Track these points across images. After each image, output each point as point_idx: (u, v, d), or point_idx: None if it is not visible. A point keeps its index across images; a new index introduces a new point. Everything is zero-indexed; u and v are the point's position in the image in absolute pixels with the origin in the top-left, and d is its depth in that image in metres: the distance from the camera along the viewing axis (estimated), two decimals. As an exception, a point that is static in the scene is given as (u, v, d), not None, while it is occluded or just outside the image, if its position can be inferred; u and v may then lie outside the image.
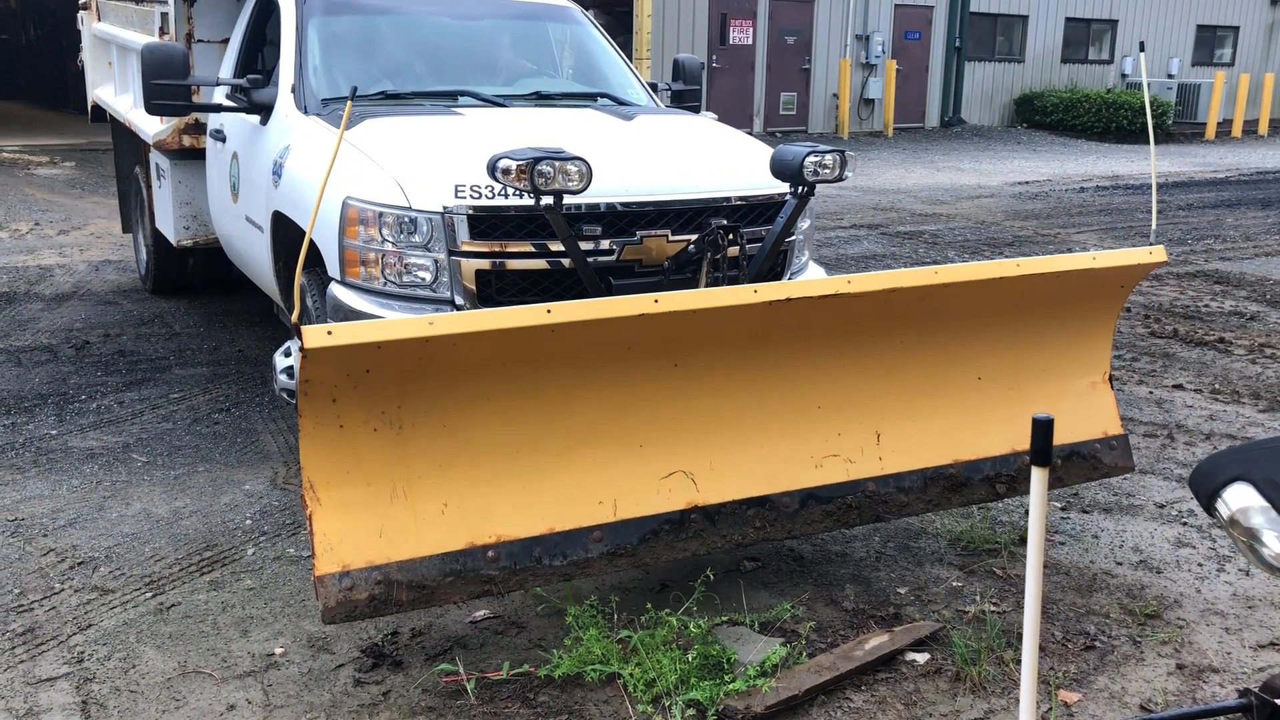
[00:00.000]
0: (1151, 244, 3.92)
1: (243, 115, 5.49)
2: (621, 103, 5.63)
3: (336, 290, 4.27)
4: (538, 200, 3.86)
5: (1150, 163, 3.52)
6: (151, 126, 6.58)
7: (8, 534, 4.18)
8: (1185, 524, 4.48)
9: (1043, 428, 2.36)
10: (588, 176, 3.85)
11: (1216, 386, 6.31)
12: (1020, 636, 3.53)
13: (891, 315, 3.69)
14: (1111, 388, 4.12)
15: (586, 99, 5.63)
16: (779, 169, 4.25)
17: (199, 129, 6.38)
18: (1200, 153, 22.55)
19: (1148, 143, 23.64)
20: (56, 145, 16.38)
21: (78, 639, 3.47)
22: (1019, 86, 26.20)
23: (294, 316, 3.44)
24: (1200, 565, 4.12)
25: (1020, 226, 12.15)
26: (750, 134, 5.56)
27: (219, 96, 5.87)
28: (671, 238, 4.31)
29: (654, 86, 6.15)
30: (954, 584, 3.94)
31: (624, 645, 3.36)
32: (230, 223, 5.87)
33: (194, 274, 7.77)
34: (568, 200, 3.96)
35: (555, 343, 3.22)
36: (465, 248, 4.10)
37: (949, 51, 24.76)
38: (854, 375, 3.79)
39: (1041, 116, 25.27)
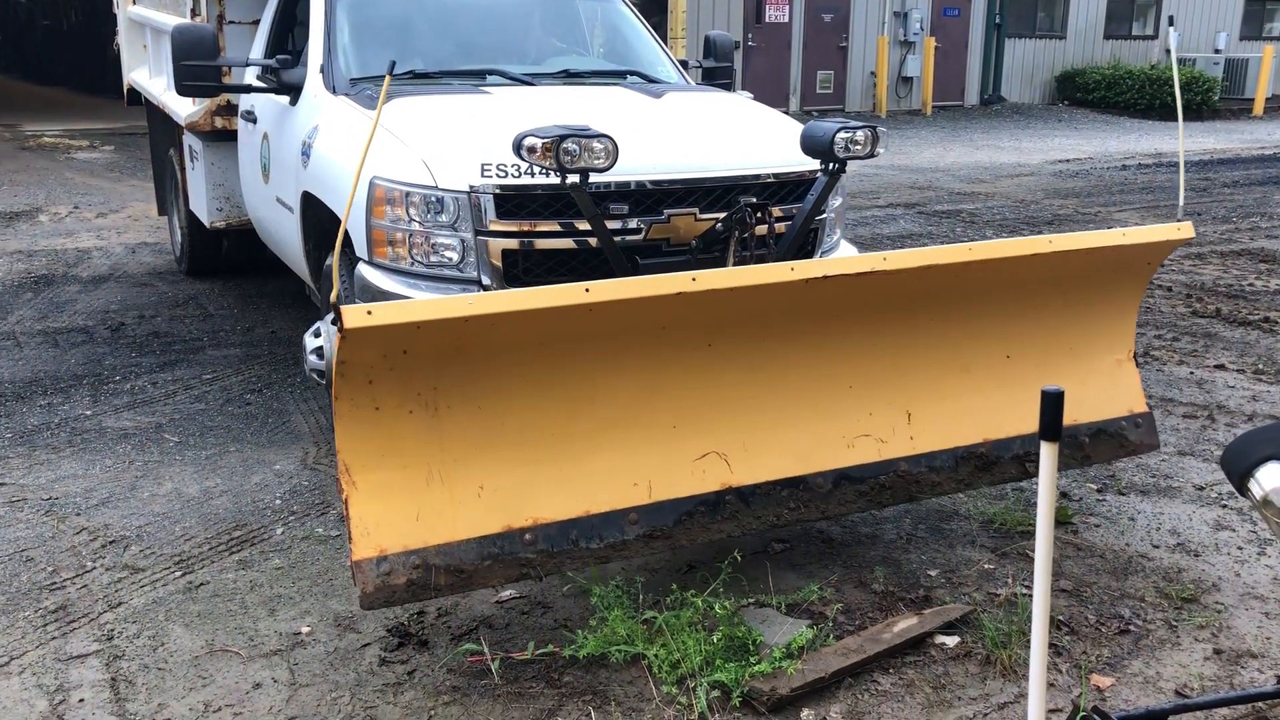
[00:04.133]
0: (1179, 220, 3.85)
1: (273, 96, 5.49)
2: (651, 80, 5.58)
3: (364, 270, 4.26)
4: (563, 178, 3.83)
5: (1181, 139, 3.36)
6: (184, 108, 6.61)
7: (42, 513, 4.22)
8: (1225, 506, 4.39)
9: (1052, 400, 2.30)
10: (613, 154, 3.81)
11: (1260, 367, 6.17)
12: (1053, 620, 3.49)
13: (923, 293, 3.65)
14: (1136, 365, 4.06)
15: (616, 77, 5.57)
16: (809, 146, 4.19)
17: (231, 110, 6.40)
18: (1247, 129, 22.10)
19: (1195, 119, 23.25)
20: (96, 129, 16.54)
21: (108, 617, 3.50)
22: (1060, 63, 25.77)
23: (333, 295, 3.30)
24: (1240, 549, 4.03)
25: (1060, 205, 11.97)
26: (786, 113, 5.49)
27: (249, 78, 5.89)
28: (699, 216, 4.26)
29: (684, 64, 6.09)
30: (985, 566, 3.88)
31: (649, 626, 3.33)
32: (262, 204, 5.89)
33: (228, 256, 7.82)
34: (594, 178, 3.93)
35: (591, 322, 3.18)
36: (492, 227, 4.07)
37: (989, 28, 24.39)
38: (885, 354, 3.76)
39: (1083, 94, 24.84)
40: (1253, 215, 11.38)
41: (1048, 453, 2.34)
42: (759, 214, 4.07)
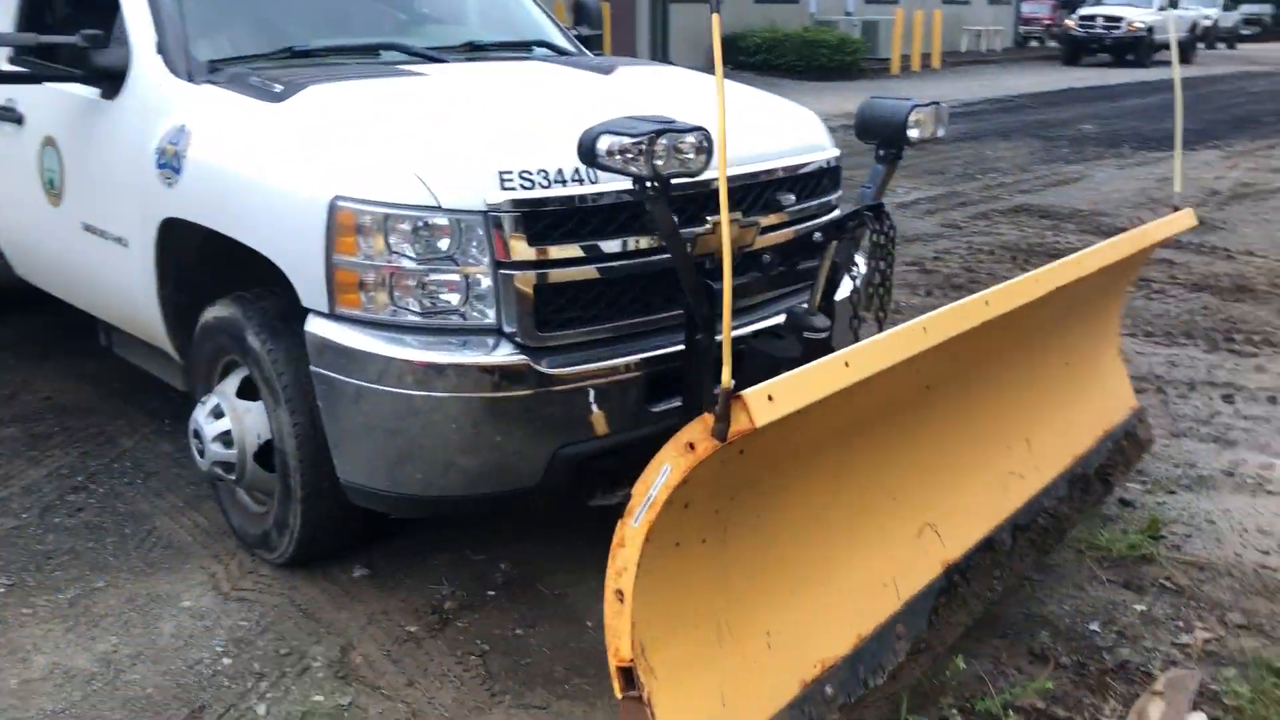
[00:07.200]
0: (1176, 206, 3.71)
1: (61, 86, 4.01)
2: (562, 52, 4.61)
3: (319, 328, 3.08)
4: (643, 186, 2.86)
5: (1178, 123, 3.20)
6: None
7: None
8: (1271, 493, 4.15)
9: None
10: (708, 151, 2.89)
11: (1149, 329, 6.14)
12: (1275, 671, 3.02)
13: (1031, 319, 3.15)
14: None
15: (523, 49, 4.56)
16: (871, 127, 3.49)
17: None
18: (894, 87, 23.53)
19: (845, 79, 24.44)
20: None
21: None
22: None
23: (724, 379, 2.05)
24: (1337, 541, 3.78)
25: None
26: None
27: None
28: (743, 222, 3.42)
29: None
30: (1137, 608, 3.36)
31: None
32: (45, 235, 4.35)
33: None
34: (611, 187, 3.06)
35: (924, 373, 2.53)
36: (517, 256, 3.02)
37: (654, -7, 24.47)
38: (1006, 383, 3.27)
39: (746, 57, 25.46)
40: (990, 171, 11.83)
41: None
42: (878, 217, 3.28)
